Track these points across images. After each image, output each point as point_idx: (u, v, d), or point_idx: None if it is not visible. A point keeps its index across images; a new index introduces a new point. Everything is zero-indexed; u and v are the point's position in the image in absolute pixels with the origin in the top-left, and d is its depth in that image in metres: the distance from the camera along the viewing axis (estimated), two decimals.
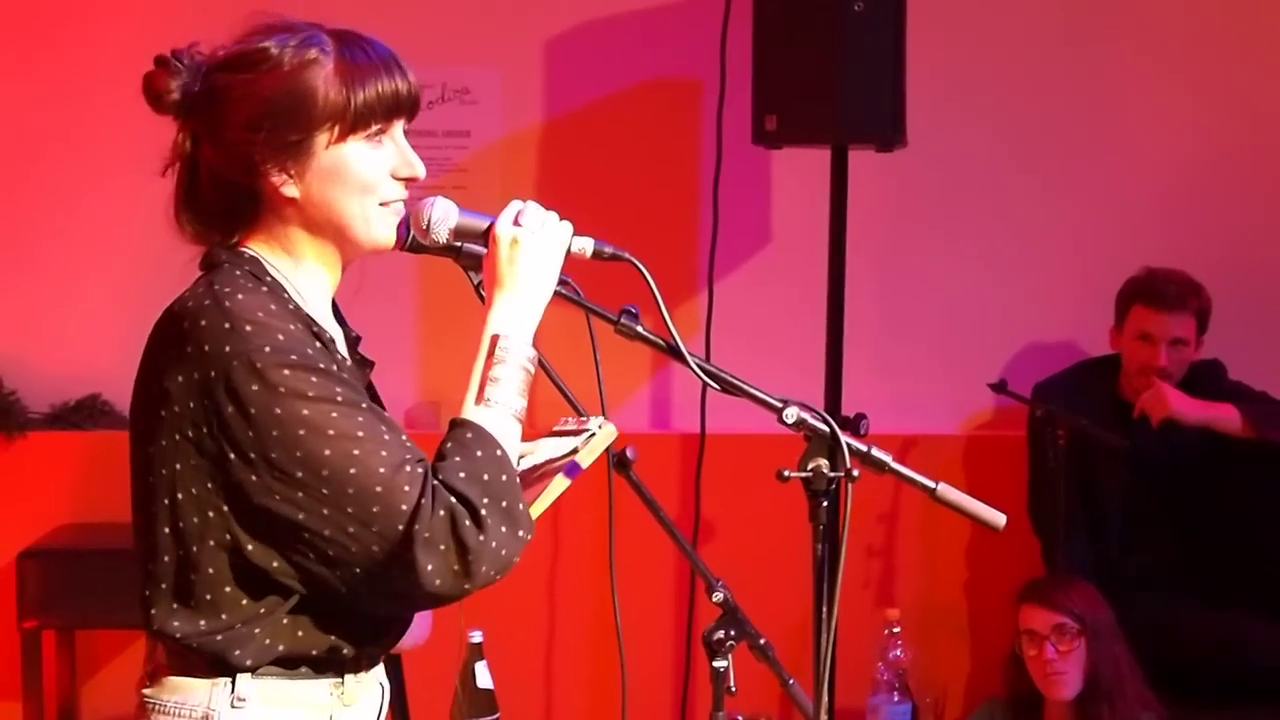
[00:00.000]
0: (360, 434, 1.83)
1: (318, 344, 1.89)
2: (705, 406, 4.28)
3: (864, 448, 1.94)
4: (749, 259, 4.52)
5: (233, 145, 1.92)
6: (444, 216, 1.98)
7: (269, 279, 1.93)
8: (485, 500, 1.84)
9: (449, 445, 1.89)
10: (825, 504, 1.92)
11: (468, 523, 1.82)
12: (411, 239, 1.99)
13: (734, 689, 2.11)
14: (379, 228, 1.97)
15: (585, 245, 1.99)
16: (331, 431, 1.83)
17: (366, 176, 1.94)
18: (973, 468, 4.39)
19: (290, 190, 1.93)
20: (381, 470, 1.83)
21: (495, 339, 1.95)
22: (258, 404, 1.82)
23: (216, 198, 1.96)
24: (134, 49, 2.11)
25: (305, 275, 1.98)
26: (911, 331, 4.57)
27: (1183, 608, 4.08)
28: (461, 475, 1.84)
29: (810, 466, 1.93)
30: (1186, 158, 4.57)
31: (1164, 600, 4.08)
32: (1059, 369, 4.30)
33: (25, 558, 4.02)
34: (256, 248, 1.97)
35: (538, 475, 2.02)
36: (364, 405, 1.86)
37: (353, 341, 2.10)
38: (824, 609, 1.89)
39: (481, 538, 1.83)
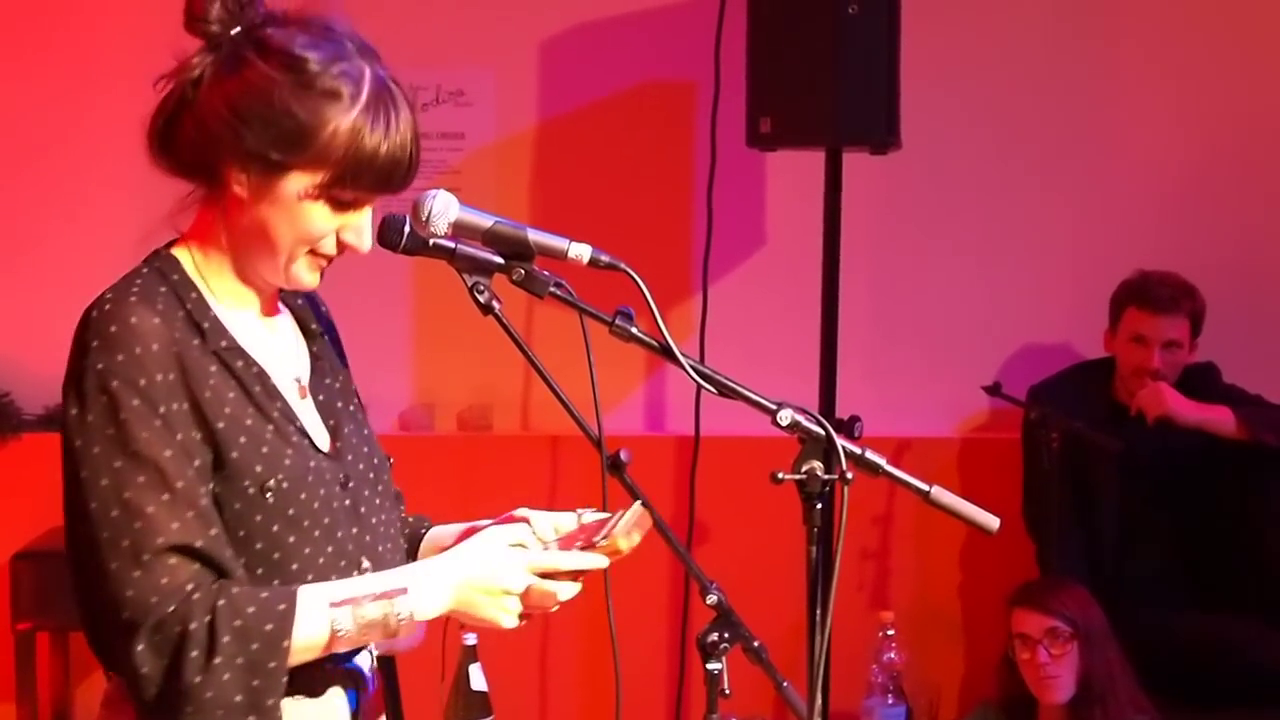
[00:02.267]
0: (127, 496, 1.78)
1: (179, 364, 1.84)
2: (700, 409, 4.28)
3: (858, 450, 1.94)
4: (743, 261, 4.52)
5: (217, 116, 1.86)
6: (444, 210, 1.98)
7: (175, 277, 1.91)
8: (238, 660, 1.77)
9: (265, 595, 1.81)
10: (819, 506, 1.92)
11: (195, 654, 1.76)
12: (407, 240, 1.99)
13: (728, 691, 2.10)
14: (299, 273, 1.93)
15: (582, 252, 1.99)
16: (105, 482, 1.79)
17: (314, 232, 1.90)
18: (967, 470, 4.39)
19: (239, 191, 1.89)
20: (125, 543, 1.78)
21: (405, 590, 1.86)
22: (71, 425, 1.82)
23: (184, 144, 1.91)
24: (129, 52, 2.11)
25: (234, 275, 1.95)
26: (906, 334, 4.57)
27: (1176, 610, 4.08)
28: (236, 623, 1.78)
29: (804, 469, 1.92)
30: (1180, 160, 4.57)
31: (1158, 603, 4.08)
32: (1053, 371, 4.30)
33: (19, 559, 4.02)
34: (192, 240, 1.95)
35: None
36: (158, 464, 1.79)
37: (312, 333, 2.08)
38: (818, 612, 1.89)
39: (199, 679, 1.75)
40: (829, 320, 3.94)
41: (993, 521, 1.98)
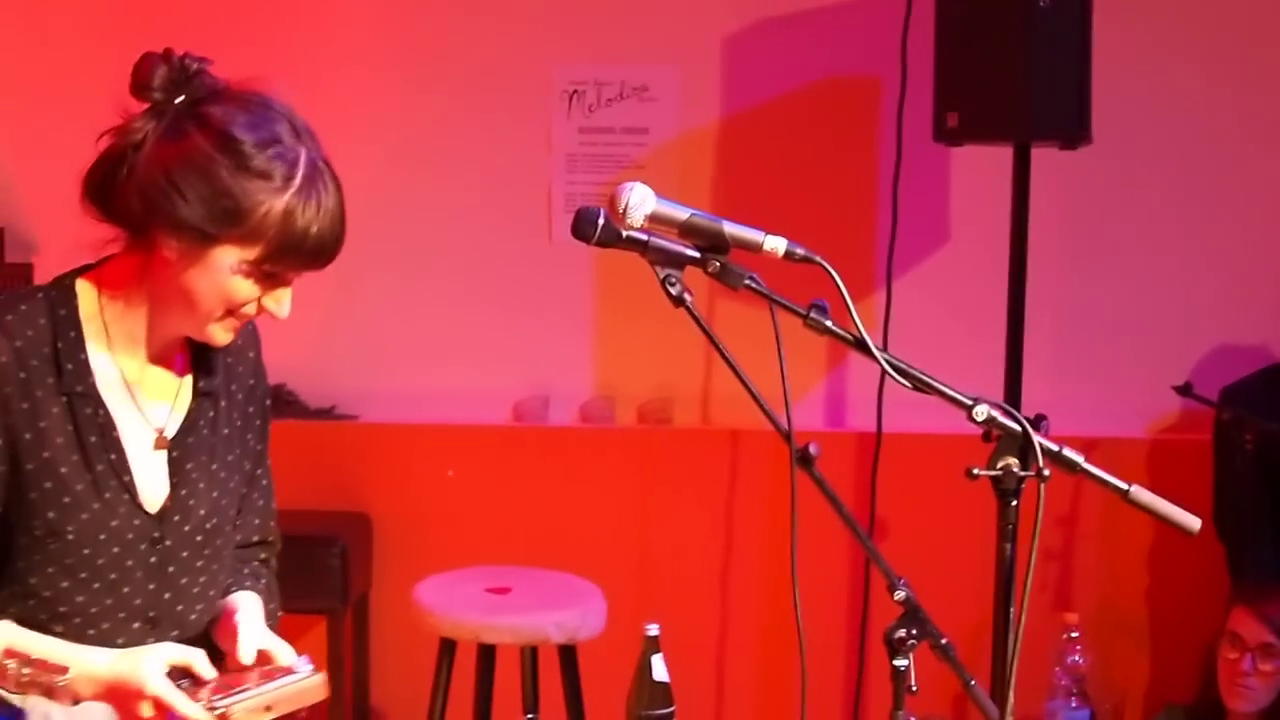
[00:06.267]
0: None
1: (9, 404, 1.95)
2: (882, 405, 4.25)
3: (1055, 447, 1.91)
4: (928, 257, 4.49)
5: (155, 185, 1.95)
6: (641, 202, 1.98)
7: (63, 312, 2.01)
8: None
9: None
10: (1015, 504, 1.90)
11: None
12: (601, 232, 2.00)
13: (915, 688, 2.09)
14: (217, 330, 2.03)
15: (777, 245, 1.98)
16: None
17: (237, 300, 1.99)
18: (1157, 472, 4.30)
19: (167, 254, 1.97)
20: None
21: (65, 669, 1.96)
22: None
23: (119, 199, 1.99)
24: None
25: (135, 322, 2.05)
26: (1093, 332, 4.50)
27: None
28: None
29: (1000, 465, 1.91)
30: None
31: None
32: (1249, 372, 4.19)
33: None
34: (100, 284, 2.04)
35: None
36: None
37: (198, 390, 2.13)
38: (1011, 609, 1.87)
39: None
40: (1015, 317, 3.88)
41: (1194, 522, 1.94)
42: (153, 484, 2.08)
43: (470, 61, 4.57)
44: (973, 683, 2.15)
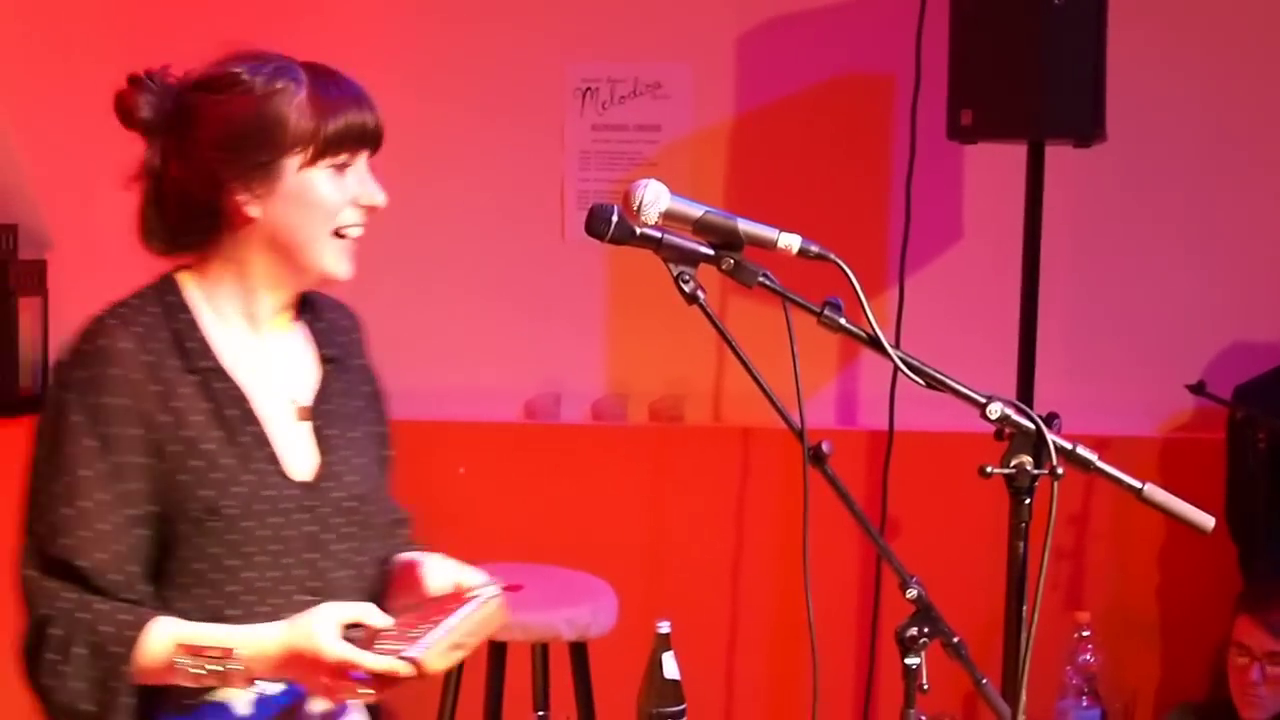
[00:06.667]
0: (42, 499, 1.95)
1: (140, 389, 1.97)
2: (894, 403, 4.25)
3: (1069, 445, 1.91)
4: (940, 255, 4.48)
5: (201, 162, 2.01)
6: (655, 200, 1.98)
7: (171, 299, 2.03)
8: (88, 673, 1.92)
9: (123, 618, 1.94)
10: (1028, 502, 1.89)
11: (50, 658, 1.93)
12: (614, 229, 2.00)
13: (926, 687, 2.09)
14: (331, 257, 2.06)
15: (791, 242, 1.98)
16: (33, 475, 1.97)
17: (329, 202, 2.04)
18: (1169, 471, 4.29)
19: (253, 210, 2.02)
20: (28, 538, 1.96)
21: (231, 651, 1.95)
22: (39, 417, 1.99)
23: (180, 215, 2.05)
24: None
25: (243, 297, 2.07)
26: (1106, 330, 4.49)
27: None
28: (91, 639, 1.93)
29: (1013, 463, 1.91)
30: None
31: None
32: (1263, 370, 4.18)
33: None
34: (199, 272, 2.08)
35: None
36: (74, 479, 1.94)
37: (325, 356, 2.17)
38: (1024, 608, 1.87)
39: (52, 683, 1.93)
40: (1028, 316, 3.88)
41: (1208, 521, 1.94)
42: (298, 454, 2.09)
43: (482, 59, 4.57)
44: (984, 681, 2.15)
